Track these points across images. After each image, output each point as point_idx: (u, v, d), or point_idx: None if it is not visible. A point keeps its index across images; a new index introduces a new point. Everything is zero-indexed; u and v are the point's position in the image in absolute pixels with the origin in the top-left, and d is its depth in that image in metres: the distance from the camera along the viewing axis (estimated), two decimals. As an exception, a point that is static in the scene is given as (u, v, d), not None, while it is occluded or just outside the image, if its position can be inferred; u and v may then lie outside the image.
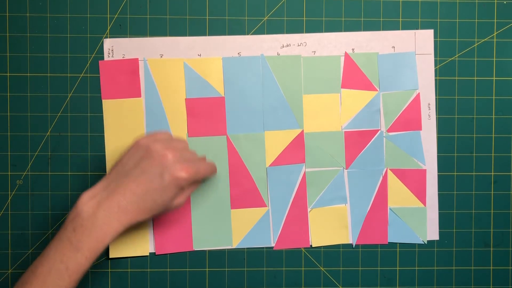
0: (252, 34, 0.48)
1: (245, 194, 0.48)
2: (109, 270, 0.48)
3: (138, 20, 0.48)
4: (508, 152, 0.49)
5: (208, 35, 0.48)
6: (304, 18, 0.48)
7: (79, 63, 0.48)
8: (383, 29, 0.49)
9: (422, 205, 0.49)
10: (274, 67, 0.48)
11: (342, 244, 0.49)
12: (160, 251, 0.48)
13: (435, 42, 0.49)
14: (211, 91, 0.48)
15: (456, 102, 0.49)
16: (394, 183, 0.49)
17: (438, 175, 0.49)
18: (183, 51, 0.48)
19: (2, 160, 0.47)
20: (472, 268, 0.49)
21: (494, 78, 0.49)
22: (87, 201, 0.37)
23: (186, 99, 0.48)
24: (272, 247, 0.49)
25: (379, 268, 0.49)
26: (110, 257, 0.48)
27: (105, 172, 0.48)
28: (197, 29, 0.48)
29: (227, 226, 0.48)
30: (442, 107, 0.49)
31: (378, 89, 0.49)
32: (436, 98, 0.49)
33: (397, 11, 0.49)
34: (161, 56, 0.48)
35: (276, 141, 0.48)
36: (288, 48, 0.48)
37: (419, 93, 0.49)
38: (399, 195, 0.49)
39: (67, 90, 0.48)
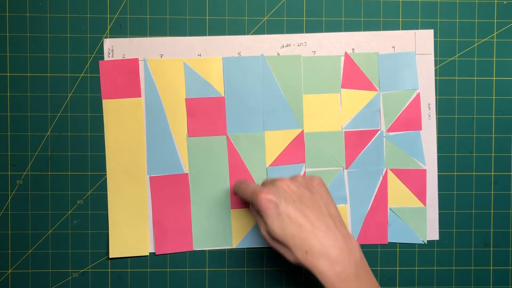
0: (252, 34, 0.48)
1: (245, 194, 0.48)
2: (109, 270, 0.48)
3: (138, 20, 0.48)
4: (508, 152, 0.49)
5: (208, 35, 0.48)
6: (304, 18, 0.48)
7: (79, 63, 0.48)
8: (383, 29, 0.49)
9: (422, 205, 0.49)
10: (274, 67, 0.48)
11: (342, 244, 0.49)
12: (160, 251, 0.48)
13: (435, 42, 0.49)
14: (211, 91, 0.48)
15: (456, 102, 0.49)
16: (394, 183, 0.49)
17: (438, 175, 0.49)
18: (183, 51, 0.48)
19: (2, 160, 0.48)
20: (472, 268, 0.49)
21: (494, 78, 0.49)
22: None
23: (186, 99, 0.48)
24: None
25: (379, 268, 0.49)
26: (110, 257, 0.48)
27: (105, 172, 0.48)
28: (197, 29, 0.48)
29: (227, 226, 0.48)
30: (442, 107, 0.49)
31: (378, 89, 0.49)
32: (436, 98, 0.49)
33: (397, 11, 0.49)
34: (161, 56, 0.48)
35: (276, 141, 0.48)
36: (288, 48, 0.48)
37: (419, 93, 0.49)
38: (399, 195, 0.49)
39: (67, 90, 0.48)
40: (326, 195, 0.39)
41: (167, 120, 0.48)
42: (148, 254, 0.48)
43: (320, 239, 0.35)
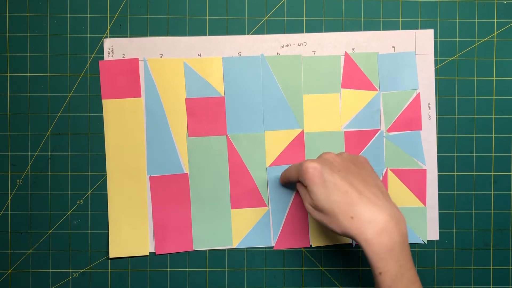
0: (252, 34, 0.48)
1: (245, 194, 0.48)
2: (109, 270, 0.48)
3: (138, 20, 0.48)
4: (508, 152, 0.49)
5: (208, 35, 0.48)
6: (304, 18, 0.48)
7: (79, 63, 0.48)
8: (383, 29, 0.49)
9: (422, 205, 0.49)
10: (274, 67, 0.48)
11: (342, 244, 0.49)
12: (160, 251, 0.48)
13: (435, 42, 0.49)
14: (211, 91, 0.48)
15: (456, 102, 0.49)
16: (394, 183, 0.49)
17: (438, 175, 0.49)
18: (183, 51, 0.48)
19: (2, 160, 0.48)
20: (472, 268, 0.49)
21: (494, 78, 0.49)
22: None
23: (186, 99, 0.48)
24: (272, 247, 0.49)
25: (379, 268, 0.49)
26: (110, 257, 0.48)
27: (105, 172, 0.48)
28: (197, 29, 0.48)
29: (227, 226, 0.48)
30: (442, 107, 0.49)
31: (378, 89, 0.49)
32: (436, 98, 0.49)
33: (397, 11, 0.49)
34: (161, 56, 0.48)
35: (276, 141, 0.48)
36: (288, 48, 0.48)
37: (419, 93, 0.49)
38: (399, 195, 0.49)
39: (67, 90, 0.48)
40: (371, 170, 0.38)
41: (167, 120, 0.48)
42: (148, 254, 0.48)
43: (367, 206, 0.34)
